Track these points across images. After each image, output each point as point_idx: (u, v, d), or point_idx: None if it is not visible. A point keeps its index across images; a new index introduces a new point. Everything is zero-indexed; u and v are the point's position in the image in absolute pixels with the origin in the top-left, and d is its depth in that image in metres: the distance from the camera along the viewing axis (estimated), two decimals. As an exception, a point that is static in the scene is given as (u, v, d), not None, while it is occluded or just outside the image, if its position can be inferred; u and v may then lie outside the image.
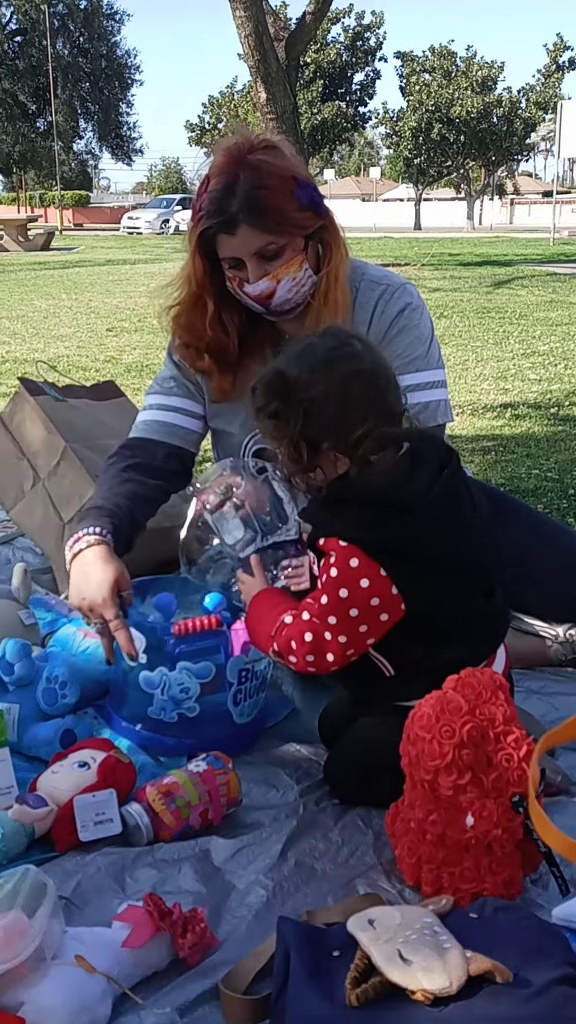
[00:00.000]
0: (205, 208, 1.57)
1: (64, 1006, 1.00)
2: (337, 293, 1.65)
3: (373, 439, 1.25)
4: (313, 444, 1.26)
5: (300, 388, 1.25)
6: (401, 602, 1.26)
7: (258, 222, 1.54)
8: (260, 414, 1.29)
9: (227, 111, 38.33)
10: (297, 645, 1.29)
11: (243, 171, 1.54)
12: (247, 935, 1.17)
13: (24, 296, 10.58)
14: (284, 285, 1.59)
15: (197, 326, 1.69)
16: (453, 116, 35.03)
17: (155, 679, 1.53)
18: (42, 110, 35.94)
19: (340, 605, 1.25)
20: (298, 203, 1.56)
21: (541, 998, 0.91)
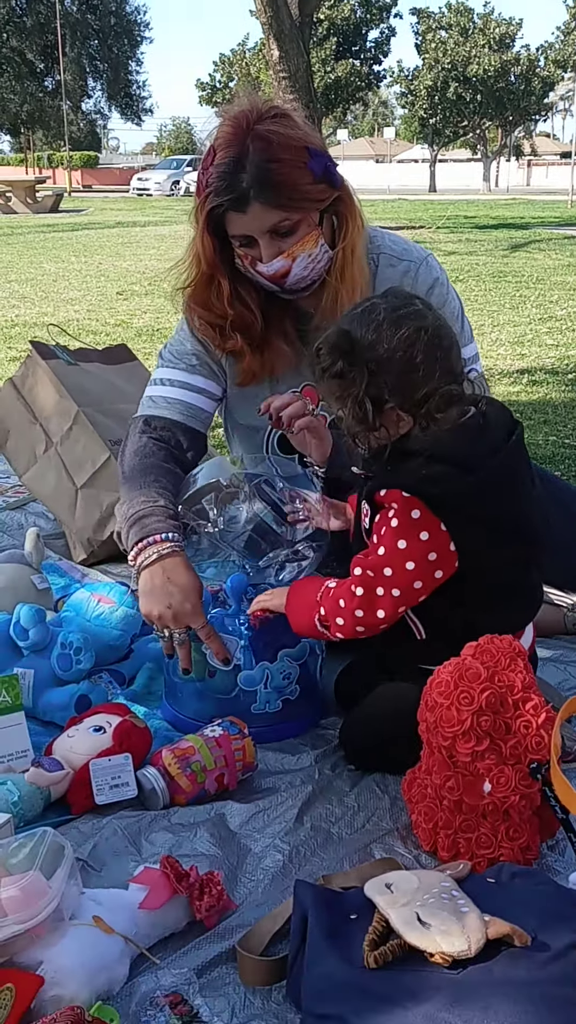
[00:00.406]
0: (213, 184, 1.48)
1: (82, 966, 1.01)
2: (354, 269, 1.58)
3: (438, 397, 1.25)
4: (378, 403, 1.25)
5: (365, 347, 1.24)
6: (456, 560, 1.27)
7: (270, 198, 1.46)
8: (325, 374, 1.27)
9: (239, 69, 37.64)
10: (346, 601, 1.29)
11: (252, 143, 1.44)
12: (263, 898, 1.18)
13: (33, 259, 10.49)
14: (300, 263, 1.53)
15: (216, 305, 1.61)
16: (470, 74, 34.30)
17: (256, 676, 1.49)
18: (50, 68, 35.33)
19: (398, 556, 1.25)
20: (312, 175, 1.48)
21: (559, 961, 0.91)
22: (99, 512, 2.23)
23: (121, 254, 11.03)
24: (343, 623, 1.31)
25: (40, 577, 1.87)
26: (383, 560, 1.26)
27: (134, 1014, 1.01)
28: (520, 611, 1.40)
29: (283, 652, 1.50)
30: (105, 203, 24.12)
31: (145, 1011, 1.01)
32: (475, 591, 1.31)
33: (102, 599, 1.73)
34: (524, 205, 21.74)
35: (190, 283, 1.62)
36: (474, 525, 1.27)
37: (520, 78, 35.13)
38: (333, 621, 1.31)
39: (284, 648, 1.50)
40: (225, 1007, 1.02)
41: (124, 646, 1.73)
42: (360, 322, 1.26)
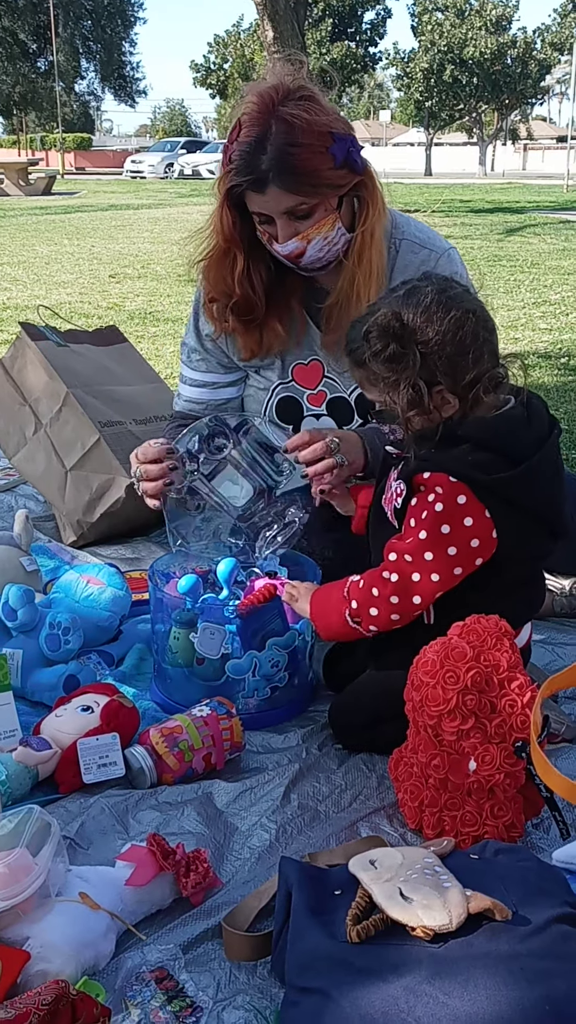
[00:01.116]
0: (235, 163, 1.50)
1: (68, 941, 1.01)
2: (372, 253, 1.59)
3: (486, 379, 1.25)
4: (429, 385, 1.25)
5: (416, 330, 1.24)
6: (494, 547, 1.27)
7: (289, 183, 1.47)
8: (375, 358, 1.26)
9: (233, 50, 37.28)
10: (380, 589, 1.28)
11: (275, 124, 1.45)
12: (250, 876, 1.19)
13: (25, 241, 10.41)
14: (315, 245, 1.55)
15: (226, 280, 1.64)
16: (466, 57, 34.02)
17: (244, 664, 1.49)
18: (43, 49, 34.96)
19: (440, 541, 1.24)
20: (333, 161, 1.49)
21: (540, 935, 0.92)
22: (88, 494, 2.22)
23: (114, 237, 10.95)
24: (377, 613, 1.29)
25: (29, 559, 1.86)
26: (424, 545, 1.25)
27: (120, 989, 1.01)
28: (529, 604, 1.41)
29: (271, 641, 1.49)
30: (98, 185, 23.92)
31: (131, 986, 1.02)
32: (498, 580, 1.31)
33: (91, 580, 1.73)
34: (520, 189, 21.63)
35: (207, 254, 1.65)
36: (515, 515, 1.27)
37: (516, 61, 34.85)
38: (366, 613, 1.29)
39: (273, 636, 1.50)
40: (210, 982, 1.03)
41: (113, 627, 1.73)
42: (408, 304, 1.25)
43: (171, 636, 1.50)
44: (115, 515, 2.21)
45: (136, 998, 1.00)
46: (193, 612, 1.48)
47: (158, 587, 1.55)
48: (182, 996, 1.01)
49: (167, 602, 1.52)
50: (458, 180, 27.68)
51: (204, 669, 1.50)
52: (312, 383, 1.77)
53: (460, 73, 34.55)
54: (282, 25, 11.57)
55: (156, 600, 1.57)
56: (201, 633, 1.46)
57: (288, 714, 1.55)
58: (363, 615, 1.30)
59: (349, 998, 0.87)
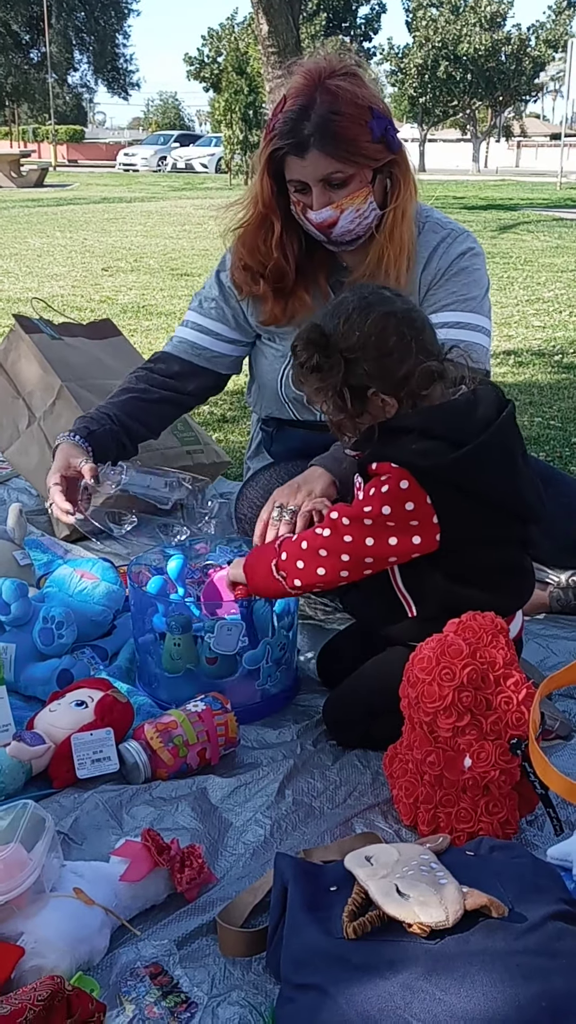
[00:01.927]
0: (278, 128, 1.56)
1: (63, 937, 1.01)
2: (403, 230, 1.64)
3: (419, 374, 1.27)
4: (359, 391, 1.28)
5: (338, 338, 1.27)
6: (437, 534, 1.28)
7: (329, 148, 1.53)
8: (303, 369, 1.30)
9: (227, 44, 37.09)
10: (310, 542, 1.31)
11: (320, 95, 1.53)
12: (244, 872, 1.19)
13: (17, 234, 10.36)
14: (347, 216, 1.59)
15: (260, 248, 1.70)
16: (460, 53, 33.99)
17: (259, 652, 1.49)
18: (36, 40, 34.75)
19: (380, 518, 1.27)
20: (371, 134, 1.55)
21: (536, 932, 0.92)
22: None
23: (107, 230, 10.90)
24: (304, 566, 1.31)
25: (22, 553, 1.85)
26: (365, 514, 1.28)
27: (114, 985, 1.01)
28: (513, 594, 1.41)
29: (280, 623, 1.50)
30: (91, 178, 23.81)
31: (125, 982, 1.02)
32: (469, 567, 1.32)
33: (84, 575, 1.72)
34: (513, 186, 21.64)
35: (244, 222, 1.71)
36: (464, 499, 1.27)
37: (511, 58, 34.85)
38: (293, 565, 1.32)
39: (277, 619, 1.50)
40: (205, 978, 1.03)
41: (107, 622, 1.73)
42: (330, 315, 1.30)
43: (169, 643, 1.49)
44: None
45: (131, 993, 1.00)
46: (187, 615, 1.48)
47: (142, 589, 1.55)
48: (177, 992, 1.01)
49: (151, 604, 1.52)
50: (452, 177, 27.67)
51: (218, 667, 1.50)
52: None
53: (454, 69, 34.53)
54: (276, 19, 11.51)
55: (137, 605, 1.57)
56: (218, 631, 1.45)
57: (284, 701, 1.55)
58: (289, 568, 1.33)
59: (345, 995, 0.87)
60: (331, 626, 1.82)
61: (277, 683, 1.54)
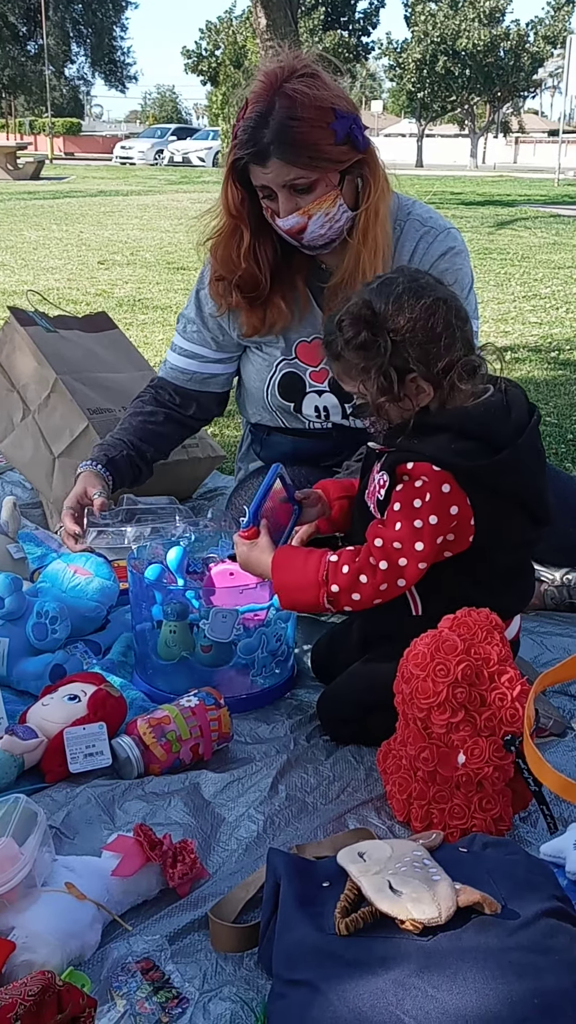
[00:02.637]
0: (239, 137, 1.54)
1: (54, 931, 1.01)
2: (377, 231, 1.61)
3: (461, 366, 1.26)
4: (401, 373, 1.25)
5: (388, 317, 1.25)
6: (471, 535, 1.27)
7: (289, 155, 1.50)
8: (348, 345, 1.26)
9: (225, 37, 36.97)
10: (369, 577, 1.27)
11: (279, 99, 1.50)
12: (237, 867, 1.18)
13: (13, 226, 10.31)
14: (316, 221, 1.57)
15: (232, 259, 1.68)
16: (459, 48, 33.91)
17: (255, 642, 1.48)
18: (33, 32, 34.60)
19: (428, 530, 1.25)
20: (334, 136, 1.52)
21: (528, 929, 0.92)
22: (77, 482, 2.20)
23: (103, 223, 10.86)
24: (360, 598, 1.28)
25: (16, 547, 1.85)
26: (415, 534, 1.25)
27: (105, 980, 1.01)
28: (518, 596, 1.41)
29: (276, 614, 1.50)
30: (87, 171, 23.71)
31: (116, 977, 1.01)
32: (485, 569, 1.31)
33: (78, 570, 1.71)
34: (511, 182, 21.62)
35: (215, 232, 1.69)
36: (498, 502, 1.27)
37: (509, 53, 34.77)
38: (348, 598, 1.28)
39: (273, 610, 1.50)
40: (197, 973, 1.02)
41: (100, 617, 1.72)
42: (380, 293, 1.26)
43: (165, 630, 1.49)
44: (103, 503, 2.19)
45: (122, 989, 1.00)
46: (183, 602, 1.47)
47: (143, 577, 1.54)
48: (168, 987, 1.01)
49: (150, 593, 1.51)
50: (449, 172, 27.63)
51: (211, 656, 1.49)
52: (315, 360, 1.79)
53: (453, 64, 34.45)
54: (275, 13, 11.46)
55: (135, 595, 1.56)
56: (212, 618, 1.45)
57: (276, 695, 1.55)
58: (343, 599, 1.29)
59: (337, 991, 0.87)
60: (325, 619, 1.81)
61: (272, 675, 1.54)
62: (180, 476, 2.38)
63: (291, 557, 1.35)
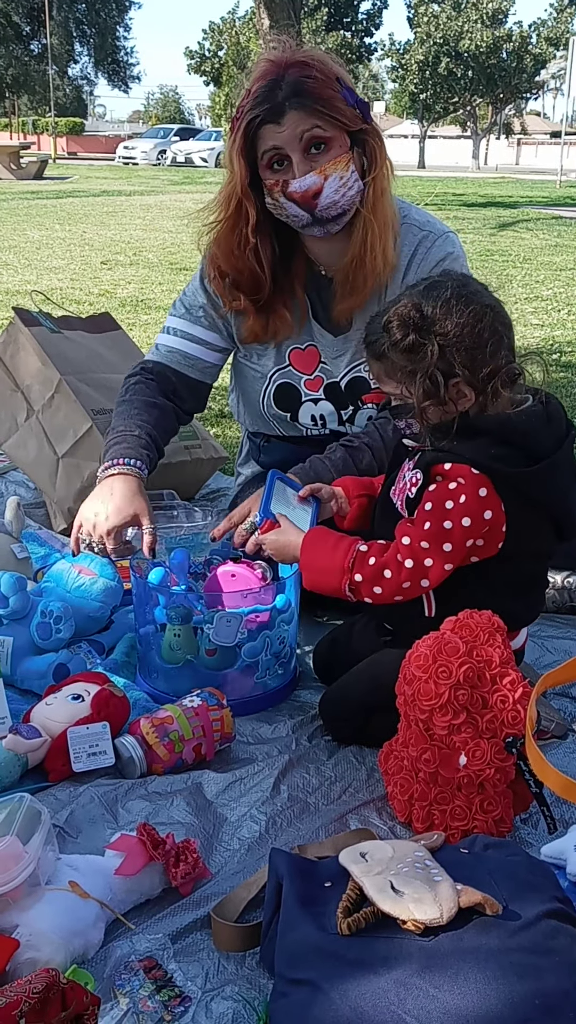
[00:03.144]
0: (250, 102, 1.53)
1: (58, 930, 1.01)
2: (385, 204, 1.61)
3: (505, 373, 1.26)
4: (445, 377, 1.26)
5: (436, 321, 1.25)
6: (501, 542, 1.28)
7: (306, 104, 1.50)
8: (395, 348, 1.27)
9: (228, 38, 37.02)
10: (393, 572, 1.28)
11: (289, 67, 1.52)
12: (239, 867, 1.19)
13: (16, 226, 10.32)
14: (331, 183, 1.54)
15: (235, 251, 1.65)
16: (461, 50, 33.92)
17: (259, 645, 1.49)
18: (36, 32, 34.61)
19: (460, 532, 1.25)
20: (345, 99, 1.54)
21: (529, 930, 0.92)
22: (80, 481, 2.21)
23: (106, 223, 10.87)
24: (381, 592, 1.29)
25: (20, 546, 1.85)
26: (445, 534, 1.25)
27: (109, 978, 1.01)
28: (531, 607, 1.42)
29: (279, 618, 1.50)
30: (90, 171, 23.72)
31: (119, 975, 1.02)
32: (505, 577, 1.32)
33: (83, 570, 1.72)
34: (513, 184, 21.62)
35: (218, 222, 1.65)
36: (530, 511, 1.28)
37: (512, 55, 34.77)
38: (370, 590, 1.30)
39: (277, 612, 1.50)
40: (199, 972, 1.03)
41: (104, 618, 1.73)
42: (429, 297, 1.27)
43: (169, 634, 1.49)
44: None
45: (125, 987, 1.00)
46: (186, 606, 1.48)
47: (145, 580, 1.55)
48: (171, 986, 1.01)
49: (153, 596, 1.52)
50: (451, 173, 27.63)
51: (216, 659, 1.50)
52: (309, 368, 1.78)
53: (455, 66, 34.45)
54: (278, 13, 11.47)
55: (138, 597, 1.57)
56: (217, 622, 1.45)
57: (279, 697, 1.55)
58: (364, 590, 1.30)
59: (339, 990, 0.88)
60: (326, 620, 1.82)
61: (275, 677, 1.55)
62: (183, 477, 2.39)
63: (323, 539, 1.36)
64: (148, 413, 1.71)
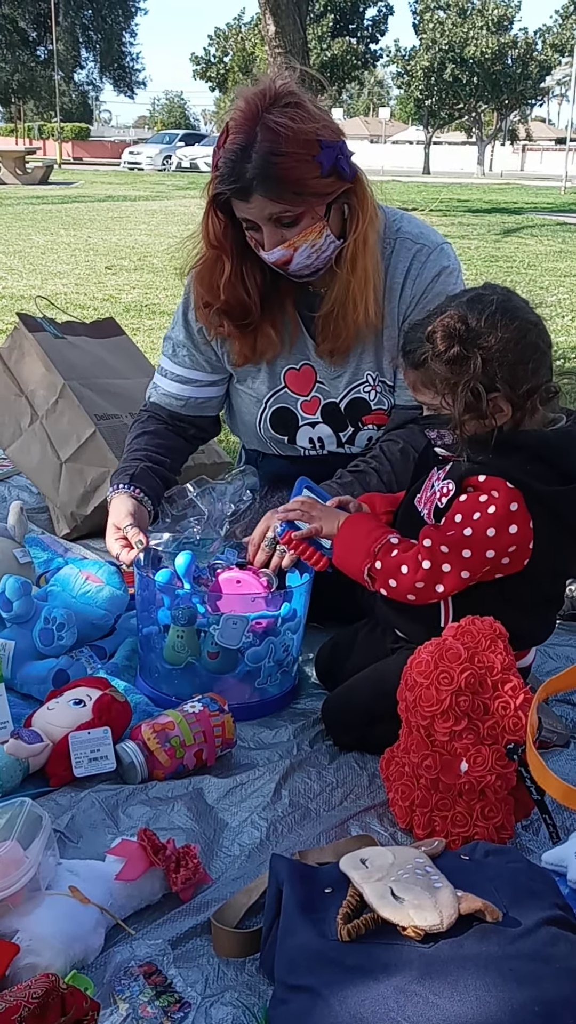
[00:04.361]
0: (221, 170, 1.49)
1: (58, 935, 1.01)
2: (367, 261, 1.58)
3: (544, 390, 1.27)
4: (486, 390, 1.26)
5: (480, 335, 1.25)
6: (526, 559, 1.28)
7: (272, 191, 1.46)
8: (438, 359, 1.26)
9: (234, 44, 37.16)
10: (410, 569, 1.28)
11: (261, 132, 1.44)
12: (240, 873, 1.19)
13: (21, 231, 10.36)
14: (302, 253, 1.54)
15: (217, 285, 1.63)
16: (467, 56, 34.03)
17: (262, 651, 1.49)
18: (43, 37, 34.80)
19: (482, 542, 1.25)
20: (319, 169, 1.47)
21: (529, 937, 0.92)
22: (83, 487, 2.21)
23: (111, 228, 10.91)
24: (395, 586, 1.30)
25: (23, 551, 1.85)
26: (466, 541, 1.25)
27: (108, 983, 1.01)
28: (546, 626, 1.42)
29: (285, 626, 1.51)
30: (96, 176, 23.82)
31: (119, 980, 1.02)
32: (525, 595, 1.32)
33: (90, 577, 1.72)
34: (518, 190, 21.66)
35: (199, 260, 1.65)
36: (558, 530, 1.28)
37: (517, 61, 34.87)
38: (384, 581, 1.30)
39: (284, 621, 1.51)
40: (199, 978, 1.03)
41: (107, 626, 1.72)
42: (474, 310, 1.26)
43: (173, 635, 1.50)
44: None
45: (124, 992, 1.00)
46: (192, 607, 1.48)
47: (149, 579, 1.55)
48: (170, 991, 1.01)
49: (158, 597, 1.52)
50: (456, 179, 27.68)
51: (219, 662, 1.50)
52: (305, 389, 1.76)
53: (460, 72, 34.56)
54: (284, 20, 11.52)
55: (143, 599, 1.57)
56: (223, 624, 1.46)
57: (279, 704, 1.55)
58: (381, 579, 1.31)
59: (339, 997, 0.88)
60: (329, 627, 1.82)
61: (277, 684, 1.55)
62: (185, 481, 2.39)
63: (364, 521, 1.38)
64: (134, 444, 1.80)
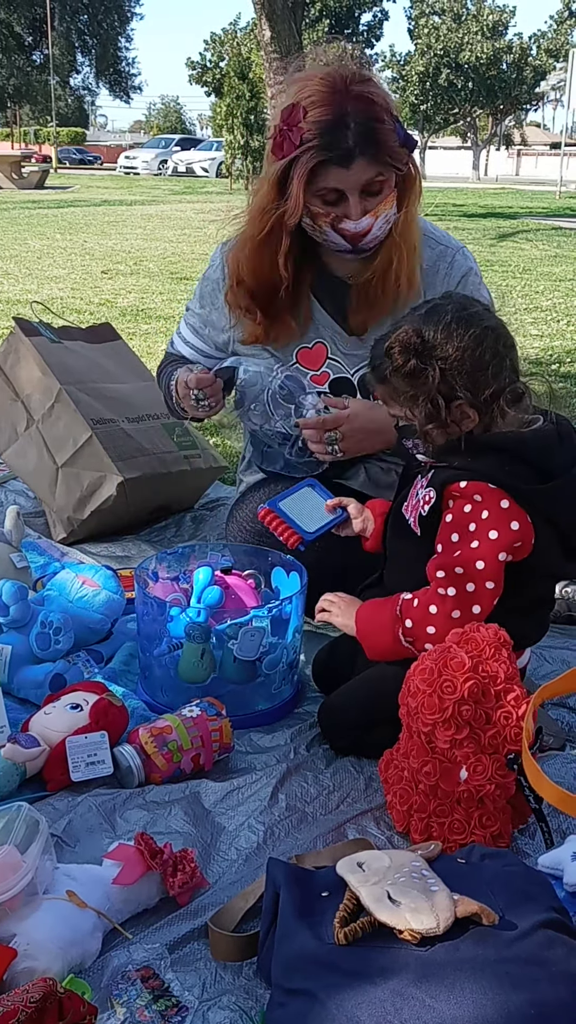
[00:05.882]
0: (314, 140, 1.51)
1: (55, 939, 1.01)
2: (412, 230, 1.65)
3: (509, 393, 1.27)
4: (447, 399, 1.27)
5: (436, 346, 1.26)
6: (528, 554, 1.28)
7: (374, 155, 1.51)
8: (396, 373, 1.28)
9: (229, 49, 37.18)
10: (439, 606, 1.26)
11: (351, 103, 1.50)
12: (237, 877, 1.19)
13: (17, 235, 10.36)
14: (379, 222, 1.58)
15: (265, 264, 1.65)
16: (462, 61, 34.11)
17: (277, 657, 1.50)
18: (38, 42, 34.81)
19: (489, 547, 1.25)
20: (396, 138, 1.55)
21: (526, 940, 0.93)
22: (79, 491, 2.22)
23: (107, 233, 10.91)
24: (435, 631, 1.27)
25: (19, 555, 1.86)
26: (475, 554, 1.25)
27: (106, 987, 1.02)
28: (539, 627, 1.42)
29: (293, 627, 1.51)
30: (91, 180, 23.82)
31: (116, 985, 1.02)
32: (518, 596, 1.31)
33: (86, 581, 1.72)
34: (513, 195, 21.70)
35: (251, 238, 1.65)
36: (542, 530, 1.28)
37: (512, 66, 34.95)
38: (423, 632, 1.28)
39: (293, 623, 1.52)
40: (196, 982, 1.03)
41: (104, 630, 1.73)
42: (429, 321, 1.28)
43: (191, 654, 1.49)
44: (105, 513, 2.21)
45: (122, 997, 1.01)
46: (204, 626, 1.48)
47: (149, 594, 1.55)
48: (168, 995, 1.01)
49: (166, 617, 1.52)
50: (452, 184, 27.74)
51: (236, 674, 1.50)
52: (316, 364, 1.79)
53: (455, 77, 34.63)
54: (279, 25, 11.55)
55: (153, 619, 1.56)
56: (242, 637, 1.47)
57: (286, 709, 1.56)
58: (419, 635, 1.28)
59: (336, 1000, 0.88)
60: (324, 630, 1.82)
61: (290, 686, 1.56)
62: (182, 486, 2.40)
63: (375, 605, 1.36)
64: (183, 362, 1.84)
